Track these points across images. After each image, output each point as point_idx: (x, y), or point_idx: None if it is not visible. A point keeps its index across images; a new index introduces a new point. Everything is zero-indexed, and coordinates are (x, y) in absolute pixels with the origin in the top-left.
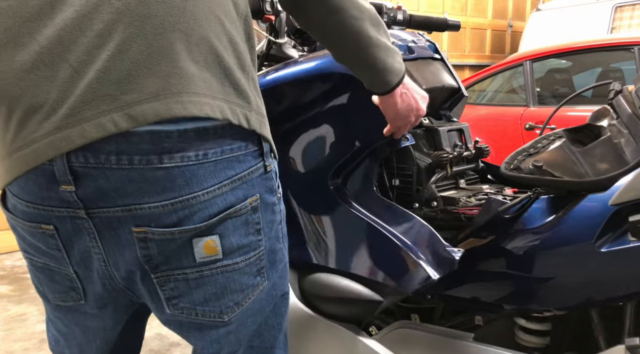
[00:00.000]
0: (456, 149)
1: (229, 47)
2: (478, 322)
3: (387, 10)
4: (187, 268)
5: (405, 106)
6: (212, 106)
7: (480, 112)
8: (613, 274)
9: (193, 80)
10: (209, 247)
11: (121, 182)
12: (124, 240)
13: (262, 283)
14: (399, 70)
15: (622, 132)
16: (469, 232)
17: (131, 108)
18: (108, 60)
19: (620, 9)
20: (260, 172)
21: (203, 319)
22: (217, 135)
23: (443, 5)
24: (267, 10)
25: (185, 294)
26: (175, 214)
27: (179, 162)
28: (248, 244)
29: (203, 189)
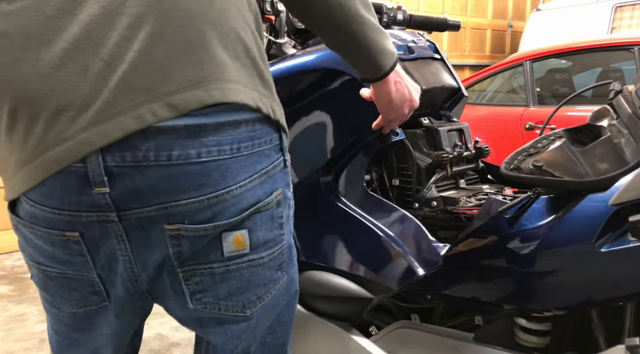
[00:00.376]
0: (456, 149)
1: (252, 38)
2: (478, 322)
3: (387, 10)
4: (214, 262)
5: (400, 96)
6: (247, 94)
7: (480, 112)
8: (613, 274)
9: (226, 68)
10: (238, 241)
11: (159, 179)
12: (154, 239)
13: (282, 278)
14: (392, 53)
15: (622, 132)
16: (469, 232)
17: (170, 97)
18: (141, 51)
19: (620, 9)
20: (282, 167)
21: (225, 313)
22: (248, 128)
23: (443, 5)
24: (267, 10)
25: (210, 288)
26: (210, 209)
27: (216, 156)
28: (273, 238)
29: (237, 184)
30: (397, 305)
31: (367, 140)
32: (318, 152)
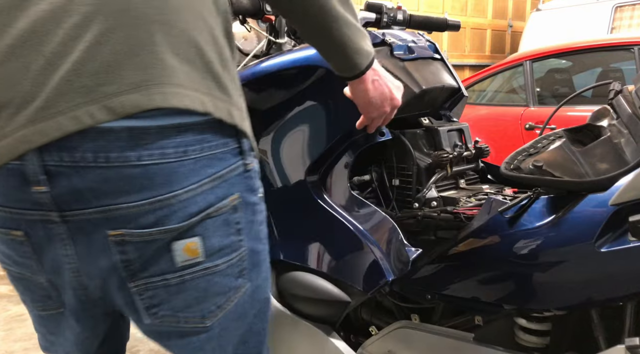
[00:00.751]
0: (456, 149)
1: (210, 41)
2: (478, 322)
3: (387, 10)
4: (167, 272)
5: (379, 95)
6: (193, 98)
7: (480, 112)
8: (613, 274)
9: (174, 71)
10: (190, 249)
11: (97, 181)
12: (99, 246)
13: (244, 285)
14: (368, 52)
15: (622, 132)
16: (469, 232)
17: (109, 100)
18: (85, 51)
19: (620, 9)
20: (240, 171)
21: (185, 326)
22: (196, 131)
23: (443, 5)
24: (267, 10)
25: (166, 301)
26: (154, 214)
27: (158, 159)
28: (229, 245)
29: (183, 188)
30: (397, 305)
31: (353, 139)
32: (304, 150)
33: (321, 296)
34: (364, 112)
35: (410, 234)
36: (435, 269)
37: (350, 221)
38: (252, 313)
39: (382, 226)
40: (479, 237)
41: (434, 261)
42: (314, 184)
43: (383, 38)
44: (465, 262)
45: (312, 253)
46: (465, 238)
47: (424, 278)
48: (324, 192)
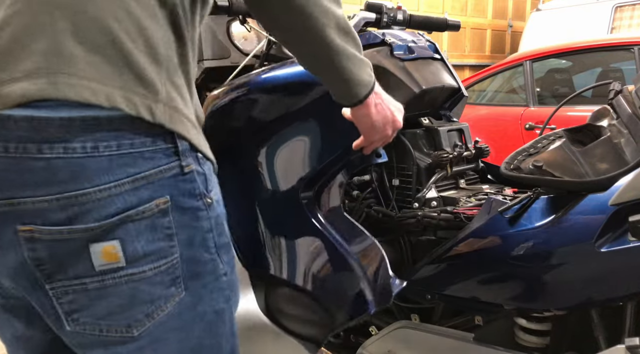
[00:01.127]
0: (456, 149)
1: (134, 31)
2: (478, 322)
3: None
4: (85, 277)
5: (381, 118)
6: (96, 91)
7: (480, 112)
8: (613, 274)
9: (75, 61)
10: (109, 253)
11: (1, 171)
12: (7, 241)
13: (177, 295)
14: (367, 82)
15: (622, 132)
16: (469, 232)
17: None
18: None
19: (620, 9)
20: (175, 173)
21: (108, 334)
22: (111, 127)
23: (443, 5)
24: None
25: (86, 307)
26: (64, 211)
27: (62, 153)
28: (157, 250)
29: (95, 186)
30: (397, 305)
31: (349, 159)
32: (300, 166)
33: (307, 316)
34: (365, 136)
35: (410, 234)
36: (435, 269)
37: (341, 243)
38: (197, 326)
39: (371, 252)
40: (479, 237)
41: (434, 261)
42: (308, 200)
43: (383, 38)
44: (465, 263)
45: (301, 271)
46: (465, 238)
47: (424, 278)
48: (317, 210)
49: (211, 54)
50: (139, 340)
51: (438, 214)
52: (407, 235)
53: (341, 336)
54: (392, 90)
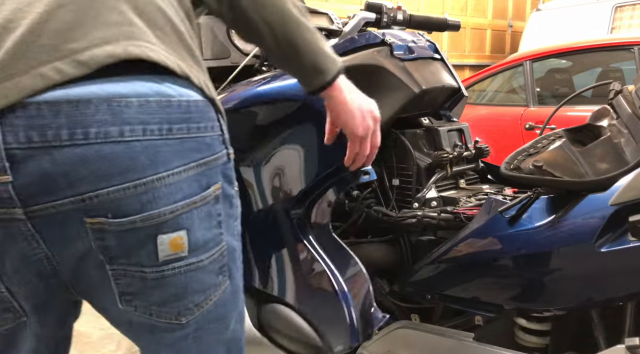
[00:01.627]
0: (456, 149)
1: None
2: (478, 322)
3: (387, 10)
4: (147, 266)
5: (358, 106)
6: (170, 58)
7: (480, 112)
8: (613, 274)
9: (144, 31)
10: (176, 244)
11: (73, 163)
12: (73, 234)
13: (224, 283)
14: (335, 58)
15: (622, 132)
16: (469, 232)
17: (78, 54)
18: (44, 13)
19: (620, 9)
20: (224, 160)
21: (158, 319)
22: (181, 109)
23: (443, 5)
24: None
25: (141, 293)
26: (138, 199)
27: (141, 135)
28: (212, 238)
29: (168, 170)
30: (397, 305)
31: (339, 177)
32: (289, 183)
33: (296, 334)
34: (348, 130)
35: (410, 234)
36: (435, 269)
37: (330, 266)
38: (233, 315)
39: (358, 280)
40: (479, 237)
41: (434, 261)
42: (298, 218)
43: (383, 38)
44: (466, 263)
45: (290, 289)
46: (465, 238)
47: (424, 277)
48: (306, 228)
49: (211, 54)
50: (185, 328)
51: (438, 214)
52: (407, 235)
53: None
54: (392, 90)
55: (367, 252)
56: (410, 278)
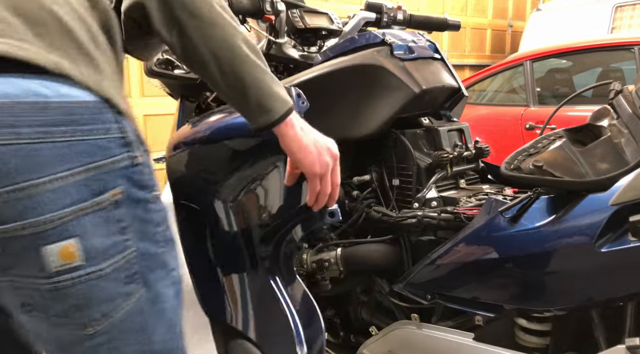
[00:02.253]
0: (456, 149)
1: (74, 16)
2: (478, 322)
3: (387, 10)
4: (39, 277)
5: (312, 141)
6: (47, 57)
7: (480, 112)
8: (613, 274)
9: (20, 29)
10: (68, 253)
11: None
12: None
13: (136, 291)
14: (284, 98)
15: (622, 132)
16: (469, 232)
17: None
18: None
19: (620, 9)
20: (127, 164)
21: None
22: (61, 111)
23: (443, 5)
24: (267, 10)
25: (40, 304)
26: (16, 205)
27: (12, 139)
28: (113, 245)
29: (50, 175)
30: (397, 305)
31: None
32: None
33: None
34: (305, 168)
35: (410, 234)
36: (435, 269)
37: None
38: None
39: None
40: (479, 237)
41: (434, 261)
42: (264, 256)
43: (383, 38)
44: (465, 263)
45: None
46: (465, 238)
47: (424, 277)
48: (272, 267)
49: None
50: (95, 338)
51: (438, 214)
52: (407, 235)
53: (341, 336)
54: (392, 90)
55: (367, 252)
56: (410, 278)
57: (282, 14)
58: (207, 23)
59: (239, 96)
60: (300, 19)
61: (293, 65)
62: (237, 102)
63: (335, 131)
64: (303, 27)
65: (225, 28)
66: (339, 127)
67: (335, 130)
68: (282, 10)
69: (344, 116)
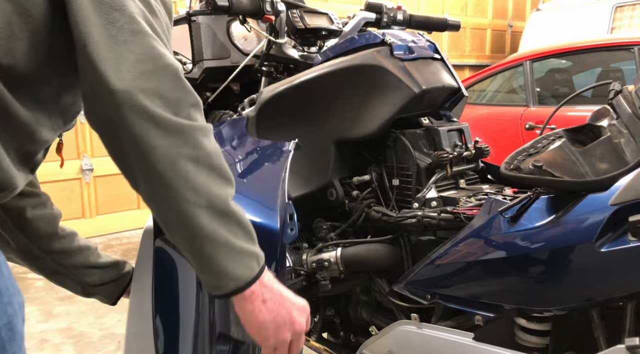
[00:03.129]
0: (456, 149)
1: None
2: (478, 322)
3: (387, 10)
4: None
5: (272, 318)
6: None
7: (480, 112)
8: (613, 274)
9: None
10: None
11: None
12: None
13: None
14: (240, 276)
15: (622, 132)
16: (469, 232)
17: None
18: None
19: (620, 9)
20: None
21: None
22: None
23: (443, 5)
24: (267, 10)
25: None
26: None
27: None
28: None
29: None
30: (397, 305)
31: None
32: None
33: None
34: (258, 340)
35: (410, 234)
36: (435, 269)
37: None
38: None
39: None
40: (479, 237)
41: (434, 261)
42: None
43: (383, 38)
44: (465, 263)
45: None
46: (465, 238)
47: (424, 277)
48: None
49: (211, 54)
50: None
51: (438, 214)
52: (407, 235)
53: (341, 336)
54: (392, 90)
55: (367, 252)
56: (410, 278)
57: (282, 14)
58: (158, 182)
59: (191, 263)
60: (300, 19)
61: (293, 65)
62: (191, 261)
63: (336, 131)
64: (303, 27)
65: (180, 193)
66: (339, 127)
67: (336, 130)
68: (282, 11)
69: (343, 116)
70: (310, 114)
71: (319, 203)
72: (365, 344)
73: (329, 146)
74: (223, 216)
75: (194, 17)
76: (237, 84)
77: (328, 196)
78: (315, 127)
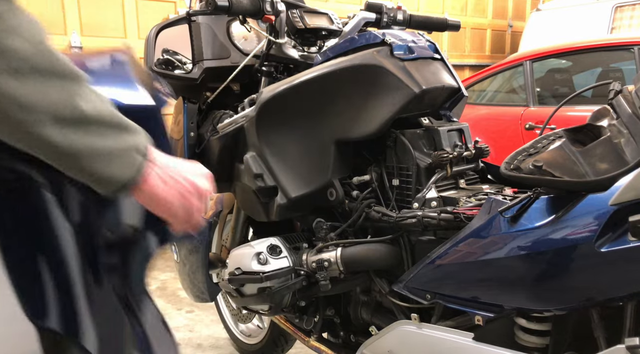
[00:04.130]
0: (456, 149)
1: None
2: (478, 322)
3: (387, 10)
4: None
5: (177, 193)
6: None
7: (480, 112)
8: (613, 274)
9: None
10: None
11: None
12: None
13: None
14: (126, 173)
15: (622, 132)
16: (469, 232)
17: None
18: None
19: (620, 9)
20: None
21: None
22: None
23: (443, 5)
24: (267, 10)
25: None
26: None
27: None
28: None
29: None
30: (397, 305)
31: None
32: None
33: None
34: (169, 219)
35: (410, 234)
36: (435, 269)
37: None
38: None
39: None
40: (479, 237)
41: (434, 261)
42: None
43: (383, 38)
44: (465, 263)
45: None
46: (465, 238)
47: (424, 277)
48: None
49: (211, 54)
50: None
51: (438, 214)
52: (407, 235)
53: (341, 336)
54: (392, 90)
55: (367, 252)
56: (410, 278)
57: (282, 14)
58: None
59: (71, 176)
60: (300, 19)
61: (293, 65)
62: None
63: (335, 131)
64: (303, 27)
65: (12, 115)
66: (339, 127)
67: (335, 130)
68: (282, 11)
69: (343, 116)
70: (310, 114)
71: (319, 203)
72: (365, 344)
73: (329, 146)
74: (76, 122)
75: (194, 17)
76: (237, 84)
77: (328, 196)
78: (315, 127)
